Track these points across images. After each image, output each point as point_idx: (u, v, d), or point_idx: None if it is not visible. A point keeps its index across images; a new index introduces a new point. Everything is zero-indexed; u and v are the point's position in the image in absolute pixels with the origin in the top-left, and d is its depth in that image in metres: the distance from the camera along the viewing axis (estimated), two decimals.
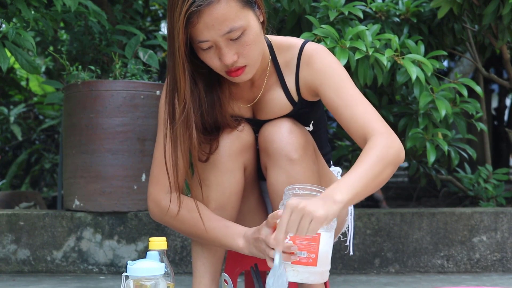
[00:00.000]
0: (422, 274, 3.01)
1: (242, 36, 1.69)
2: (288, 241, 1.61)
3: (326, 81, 1.82)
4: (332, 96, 1.80)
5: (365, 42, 2.73)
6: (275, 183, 1.86)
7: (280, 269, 1.59)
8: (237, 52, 1.71)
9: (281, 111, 1.91)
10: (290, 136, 1.84)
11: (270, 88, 1.91)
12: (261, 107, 1.93)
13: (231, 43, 1.69)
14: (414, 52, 2.85)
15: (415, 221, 3.05)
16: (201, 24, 1.66)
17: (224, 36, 1.67)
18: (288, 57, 1.89)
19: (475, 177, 3.63)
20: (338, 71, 1.83)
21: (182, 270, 3.06)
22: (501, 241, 3.04)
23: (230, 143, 1.86)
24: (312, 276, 1.65)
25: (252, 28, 1.71)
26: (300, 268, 1.64)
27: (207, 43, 1.69)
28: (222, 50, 1.69)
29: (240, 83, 1.90)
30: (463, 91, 2.93)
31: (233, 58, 1.70)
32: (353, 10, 2.85)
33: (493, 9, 2.94)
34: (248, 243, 1.76)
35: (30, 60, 2.85)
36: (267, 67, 1.89)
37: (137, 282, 1.51)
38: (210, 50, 1.71)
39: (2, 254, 3.08)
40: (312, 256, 1.64)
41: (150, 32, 4.81)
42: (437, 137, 2.96)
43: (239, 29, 1.68)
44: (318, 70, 1.83)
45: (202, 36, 1.68)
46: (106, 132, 3.02)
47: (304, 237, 1.61)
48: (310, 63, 1.85)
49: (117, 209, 3.05)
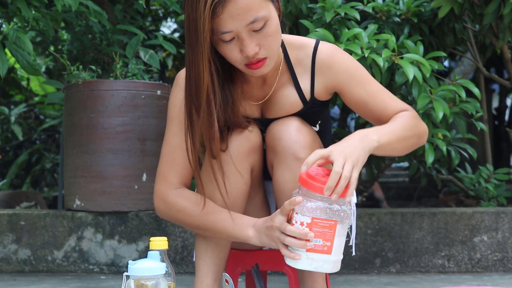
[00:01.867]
0: (423, 274, 3.01)
1: (264, 27, 1.69)
2: (304, 228, 1.62)
3: (352, 80, 1.89)
4: (361, 93, 1.88)
5: (361, 44, 2.73)
6: (281, 181, 1.86)
7: None
8: (259, 43, 1.70)
9: (291, 109, 1.91)
10: (298, 135, 1.84)
11: (282, 86, 1.91)
12: (271, 105, 1.92)
13: (253, 34, 1.69)
14: (412, 52, 2.84)
15: (416, 221, 3.05)
16: (226, 14, 1.65)
17: (247, 26, 1.67)
18: (300, 56, 1.90)
19: (476, 177, 3.63)
20: (359, 69, 1.92)
21: (183, 270, 3.06)
22: (502, 241, 3.04)
23: (238, 144, 1.86)
24: (326, 264, 1.65)
25: (273, 19, 1.72)
26: (315, 256, 1.63)
27: (229, 34, 1.68)
28: (244, 41, 1.68)
29: (253, 81, 1.90)
30: (461, 92, 2.92)
31: (255, 49, 1.70)
32: (350, 11, 2.84)
33: (493, 9, 2.94)
34: (259, 232, 1.76)
35: (31, 61, 2.85)
36: (280, 65, 1.90)
37: (138, 282, 1.51)
38: (231, 42, 1.71)
39: (3, 254, 3.09)
40: (327, 244, 1.63)
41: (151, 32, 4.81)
42: (436, 138, 2.96)
43: (262, 20, 1.68)
44: (341, 71, 1.89)
45: (226, 26, 1.67)
46: (107, 132, 3.02)
47: (320, 225, 1.61)
48: (330, 65, 1.88)
49: (118, 209, 3.05)
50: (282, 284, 2.78)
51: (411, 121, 1.84)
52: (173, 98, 1.91)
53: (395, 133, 1.77)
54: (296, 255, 1.64)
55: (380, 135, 1.72)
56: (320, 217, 1.61)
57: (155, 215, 3.07)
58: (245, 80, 1.90)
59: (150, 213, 3.07)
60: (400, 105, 1.90)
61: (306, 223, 1.61)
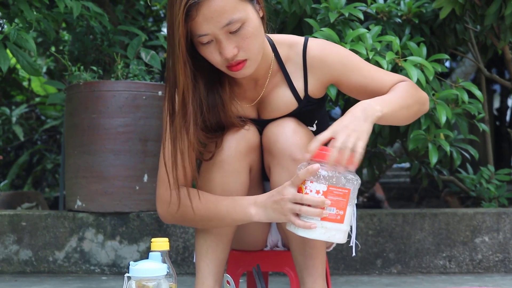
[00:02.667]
0: (424, 274, 3.01)
1: (241, 29, 1.70)
2: (320, 196, 1.63)
3: (347, 69, 1.90)
4: (358, 78, 1.89)
5: (366, 45, 2.73)
6: (278, 183, 1.85)
7: None
8: (237, 45, 1.71)
9: (286, 108, 1.91)
10: (294, 136, 1.84)
11: (275, 86, 1.91)
12: (266, 106, 1.93)
13: (230, 36, 1.70)
14: (416, 54, 2.84)
15: (417, 221, 3.05)
16: (200, 17, 1.67)
17: (223, 28, 1.68)
18: (291, 54, 1.91)
19: (477, 178, 3.62)
20: (351, 55, 1.93)
21: (184, 270, 3.06)
22: (503, 241, 3.04)
23: (236, 143, 1.86)
24: (338, 234, 1.66)
25: (251, 21, 1.72)
26: (329, 225, 1.65)
27: (206, 36, 1.70)
28: (222, 43, 1.70)
29: (244, 83, 1.90)
30: (464, 96, 2.92)
31: (233, 51, 1.71)
32: (354, 11, 2.84)
33: (495, 10, 2.94)
34: (264, 208, 1.75)
35: (32, 62, 2.85)
36: (270, 65, 1.90)
37: (139, 283, 1.51)
38: (210, 45, 1.72)
39: (4, 255, 3.09)
40: (340, 213, 1.65)
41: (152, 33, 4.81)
42: (439, 138, 2.96)
43: (238, 21, 1.69)
44: (335, 63, 1.90)
45: (202, 29, 1.68)
46: (108, 132, 3.02)
47: (335, 193, 1.63)
48: (323, 60, 1.89)
49: (119, 210, 3.05)
50: (283, 285, 2.78)
51: (411, 90, 1.86)
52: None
53: (397, 101, 1.79)
54: (312, 224, 1.64)
55: (383, 105, 1.74)
56: (335, 185, 1.63)
57: (156, 216, 3.07)
58: (236, 82, 1.91)
59: (151, 214, 3.07)
60: (396, 77, 1.92)
61: (322, 191, 1.63)
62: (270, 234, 2.10)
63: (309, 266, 1.88)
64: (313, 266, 1.88)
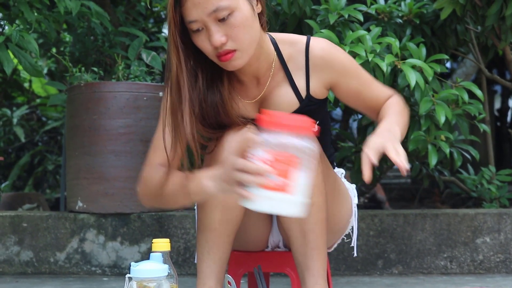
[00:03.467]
0: (426, 275, 3.01)
1: (230, 17, 1.71)
2: (261, 163, 1.51)
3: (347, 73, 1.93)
4: (355, 84, 1.94)
5: (365, 47, 2.73)
6: None
7: None
8: (226, 34, 1.72)
9: (288, 107, 1.91)
10: None
11: (277, 84, 1.91)
12: (268, 104, 1.93)
13: (219, 24, 1.71)
14: (415, 55, 2.84)
15: (418, 222, 3.05)
16: (189, 3, 1.70)
17: (210, 15, 1.70)
18: (293, 53, 1.91)
19: (478, 178, 3.62)
20: (352, 61, 1.97)
21: (185, 271, 3.06)
22: (504, 242, 3.04)
23: (236, 141, 1.86)
24: (286, 205, 1.52)
25: (241, 11, 1.73)
26: (271, 194, 1.51)
27: (196, 23, 1.72)
28: (210, 30, 1.71)
29: (246, 80, 1.90)
30: (464, 95, 2.92)
31: (221, 39, 1.71)
32: (354, 13, 2.84)
33: (496, 10, 2.94)
34: (217, 179, 1.66)
35: (33, 63, 2.85)
36: (272, 63, 1.90)
37: (141, 284, 1.51)
38: (201, 33, 1.74)
39: (5, 256, 3.09)
40: (287, 182, 1.51)
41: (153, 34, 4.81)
42: (439, 140, 2.96)
43: (225, 9, 1.70)
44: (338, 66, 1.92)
45: (191, 15, 1.71)
46: (109, 133, 3.02)
47: (282, 161, 1.49)
48: (327, 61, 1.90)
49: (120, 211, 3.05)
50: (284, 285, 2.78)
51: (404, 107, 1.94)
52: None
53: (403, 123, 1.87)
54: (251, 194, 1.52)
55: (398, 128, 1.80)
56: (281, 152, 1.50)
57: (157, 217, 3.07)
58: (238, 79, 1.91)
59: (152, 215, 3.07)
60: (387, 91, 1.98)
61: (267, 159, 1.50)
62: (271, 234, 2.10)
63: (310, 267, 1.89)
64: (314, 267, 1.89)
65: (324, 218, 1.89)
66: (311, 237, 1.87)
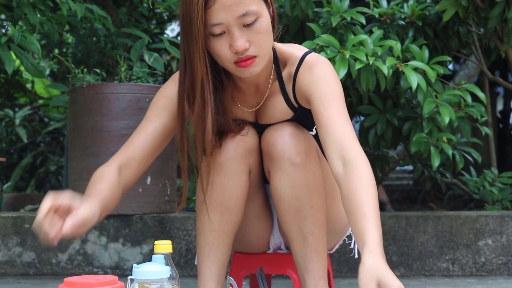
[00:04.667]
0: (427, 277, 3.01)
1: (255, 23, 1.69)
2: None
3: (318, 91, 1.79)
4: (319, 106, 1.77)
5: (367, 50, 2.73)
6: (278, 187, 1.86)
7: None
8: (249, 39, 1.70)
9: (283, 117, 1.91)
10: (292, 140, 1.84)
11: (272, 94, 1.91)
12: (264, 113, 1.93)
13: (243, 29, 1.69)
14: (418, 57, 2.84)
15: (420, 224, 3.05)
16: (217, 5, 1.65)
17: (238, 19, 1.67)
18: (289, 64, 1.89)
19: (481, 180, 3.62)
20: (332, 84, 1.80)
21: (187, 273, 3.06)
22: (506, 244, 3.03)
23: (235, 146, 1.86)
24: None
25: (265, 17, 1.71)
26: None
27: (220, 26, 1.68)
28: (234, 35, 1.68)
29: (245, 88, 1.90)
30: (467, 97, 2.92)
31: (245, 44, 1.69)
32: (356, 15, 2.84)
33: (498, 12, 2.94)
34: None
35: (35, 64, 2.86)
36: (271, 72, 1.89)
37: (142, 285, 1.51)
38: (221, 37, 1.70)
39: (7, 257, 3.09)
40: None
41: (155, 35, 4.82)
42: (442, 141, 2.96)
43: (253, 14, 1.68)
44: (313, 79, 1.81)
45: (217, 18, 1.66)
46: (112, 134, 3.02)
47: None
48: (308, 72, 1.83)
49: (122, 212, 3.05)
50: (286, 287, 2.78)
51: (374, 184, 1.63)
52: (162, 89, 1.92)
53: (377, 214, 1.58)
54: None
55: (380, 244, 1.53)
56: None
57: (159, 218, 3.07)
58: (237, 87, 1.91)
59: (154, 216, 3.08)
60: (349, 140, 1.69)
61: None
62: (272, 236, 2.10)
63: (310, 269, 1.89)
64: (315, 269, 1.89)
65: (323, 221, 1.89)
66: (311, 239, 1.87)
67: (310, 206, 1.85)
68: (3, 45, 2.74)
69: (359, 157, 1.64)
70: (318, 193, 1.86)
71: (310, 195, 1.85)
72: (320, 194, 1.87)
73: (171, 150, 3.15)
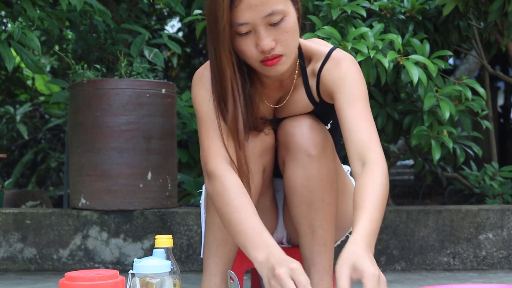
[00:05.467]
0: (428, 271, 3.01)
1: (282, 22, 1.68)
2: None
3: (344, 88, 1.80)
4: (343, 104, 1.78)
5: (367, 43, 2.72)
6: (292, 178, 1.86)
7: None
8: (275, 38, 1.68)
9: (303, 111, 1.91)
10: (310, 132, 1.83)
11: (295, 89, 1.91)
12: (284, 108, 1.92)
13: (270, 28, 1.67)
14: (419, 51, 2.84)
15: (421, 218, 3.05)
16: (244, 4, 1.64)
17: (265, 18, 1.66)
18: (315, 63, 1.87)
19: (481, 175, 3.62)
20: (359, 83, 1.81)
21: (188, 268, 3.06)
22: (507, 238, 3.04)
23: (252, 145, 1.85)
24: None
25: (291, 16, 1.70)
26: None
27: (246, 26, 1.67)
28: (260, 34, 1.67)
29: (269, 83, 1.89)
30: (467, 92, 2.92)
31: (271, 44, 1.68)
32: (357, 8, 2.84)
33: (498, 6, 2.93)
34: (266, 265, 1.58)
35: (35, 60, 2.86)
36: (296, 68, 1.89)
37: (143, 280, 1.51)
38: (247, 36, 1.69)
39: (8, 253, 3.09)
40: None
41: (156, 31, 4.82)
42: (442, 135, 2.96)
43: (280, 13, 1.66)
44: (340, 75, 1.81)
45: (243, 17, 1.65)
46: (112, 130, 3.03)
47: None
48: (335, 67, 1.83)
49: (123, 207, 3.05)
50: None
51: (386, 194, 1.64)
52: (198, 95, 1.85)
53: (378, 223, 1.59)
54: None
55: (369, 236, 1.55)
56: None
57: (160, 214, 3.07)
58: (261, 82, 1.89)
59: (155, 212, 3.08)
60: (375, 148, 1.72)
61: None
62: (275, 231, 2.10)
63: (316, 263, 1.89)
64: (321, 262, 1.89)
65: (333, 215, 1.89)
66: (320, 233, 1.87)
67: (322, 200, 1.85)
68: (3, 42, 2.74)
69: (378, 160, 1.68)
70: (331, 187, 1.86)
71: (323, 189, 1.85)
72: (332, 189, 1.87)
73: (172, 146, 3.15)
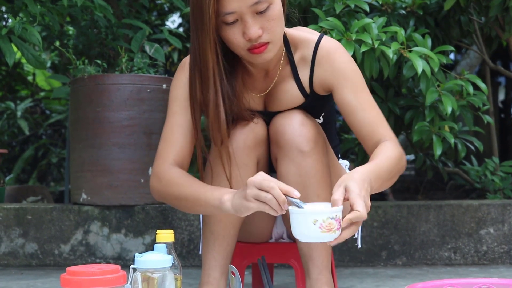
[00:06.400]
0: (429, 266, 3.01)
1: (268, 10, 1.70)
2: None
3: (345, 82, 1.84)
4: (350, 98, 1.83)
5: (371, 35, 2.72)
6: (285, 175, 1.86)
7: None
8: (262, 26, 1.71)
9: (293, 103, 1.91)
10: (301, 128, 1.83)
11: (283, 79, 1.91)
12: (273, 99, 1.92)
13: (256, 16, 1.70)
14: (421, 45, 2.83)
15: (422, 213, 3.05)
16: None
17: (251, 7, 1.68)
18: (302, 49, 1.89)
19: (482, 170, 3.62)
20: (357, 73, 1.86)
21: (189, 263, 3.06)
22: (508, 233, 3.04)
23: (244, 137, 1.86)
24: None
25: (277, 4, 1.73)
26: None
27: (232, 15, 1.68)
28: (247, 23, 1.69)
29: (255, 73, 1.90)
30: (468, 87, 2.92)
31: (258, 32, 1.70)
32: (359, 3, 2.84)
33: (499, 1, 2.93)
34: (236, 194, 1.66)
35: (36, 55, 2.86)
36: (281, 57, 1.89)
37: (145, 275, 1.51)
38: (234, 25, 1.71)
39: (10, 248, 3.10)
40: None
41: (156, 26, 4.81)
42: (444, 130, 2.96)
43: (265, 1, 1.69)
44: (338, 69, 1.85)
45: (230, 7, 1.67)
46: (113, 126, 3.03)
47: None
48: (329, 60, 1.86)
49: (124, 203, 3.05)
50: (288, 276, 2.78)
51: (398, 159, 1.74)
52: (176, 80, 1.91)
53: (385, 175, 1.68)
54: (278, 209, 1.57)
55: (373, 181, 1.61)
56: None
57: (161, 209, 3.07)
58: (247, 72, 1.90)
59: (156, 207, 3.08)
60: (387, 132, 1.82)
61: None
62: (275, 226, 2.10)
63: (314, 258, 1.89)
64: (319, 257, 1.89)
65: None
66: None
67: (317, 195, 1.85)
68: (4, 37, 2.74)
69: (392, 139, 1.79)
70: (325, 182, 1.86)
71: (317, 184, 1.85)
72: (326, 183, 1.87)
73: None
